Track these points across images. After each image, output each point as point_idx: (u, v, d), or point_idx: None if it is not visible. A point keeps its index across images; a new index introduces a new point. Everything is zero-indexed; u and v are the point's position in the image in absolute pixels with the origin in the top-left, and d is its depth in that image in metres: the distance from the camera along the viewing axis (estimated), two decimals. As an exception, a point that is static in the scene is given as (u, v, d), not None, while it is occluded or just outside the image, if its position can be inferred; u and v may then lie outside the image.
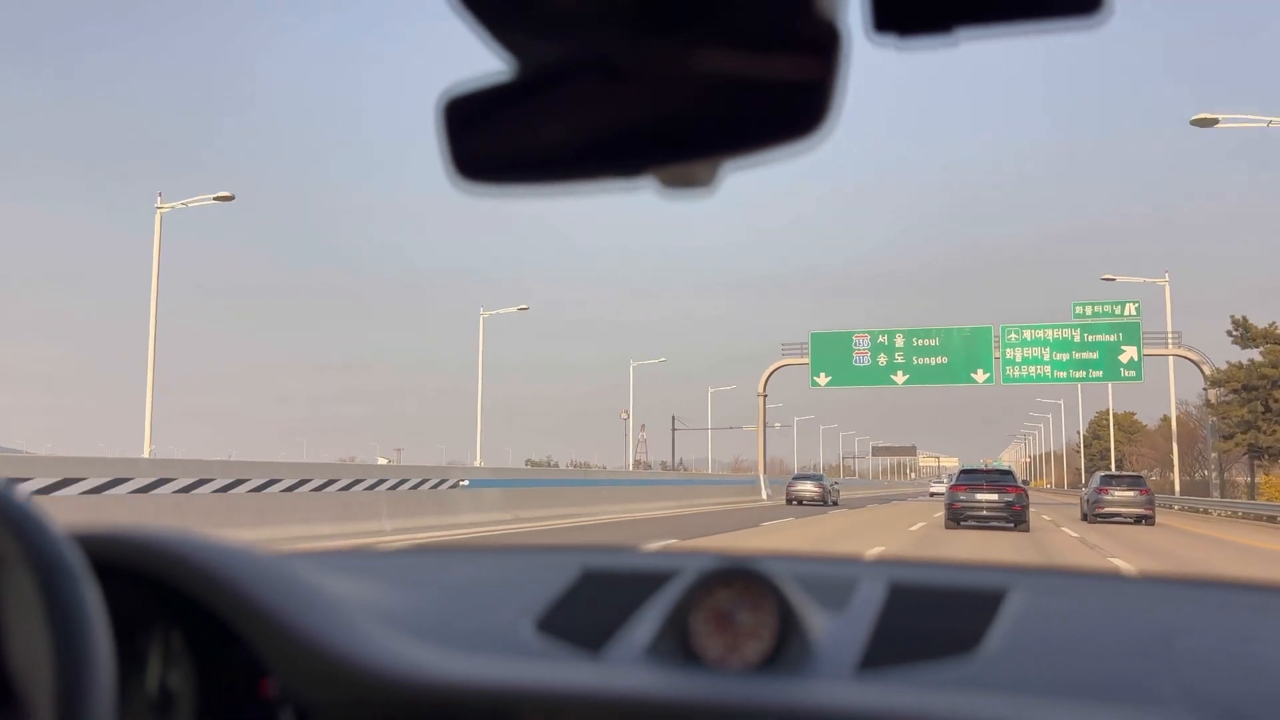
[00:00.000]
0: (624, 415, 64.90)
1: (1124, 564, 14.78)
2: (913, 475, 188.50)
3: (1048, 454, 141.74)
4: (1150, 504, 28.61)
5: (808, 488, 41.92)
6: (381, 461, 41.33)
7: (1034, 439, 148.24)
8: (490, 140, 0.66)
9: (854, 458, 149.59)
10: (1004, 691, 0.87)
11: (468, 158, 0.66)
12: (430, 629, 1.05)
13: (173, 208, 30.31)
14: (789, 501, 41.95)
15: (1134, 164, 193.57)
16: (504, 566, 1.38)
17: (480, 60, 0.65)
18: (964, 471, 24.98)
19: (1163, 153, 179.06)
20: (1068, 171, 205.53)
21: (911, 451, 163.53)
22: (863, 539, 19.66)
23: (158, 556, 0.99)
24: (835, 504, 41.89)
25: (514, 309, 47.01)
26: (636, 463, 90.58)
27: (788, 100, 0.59)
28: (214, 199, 30.14)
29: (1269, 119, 27.90)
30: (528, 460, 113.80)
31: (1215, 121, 28.10)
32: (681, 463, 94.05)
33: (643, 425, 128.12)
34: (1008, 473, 24.87)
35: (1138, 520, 28.28)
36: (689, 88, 0.60)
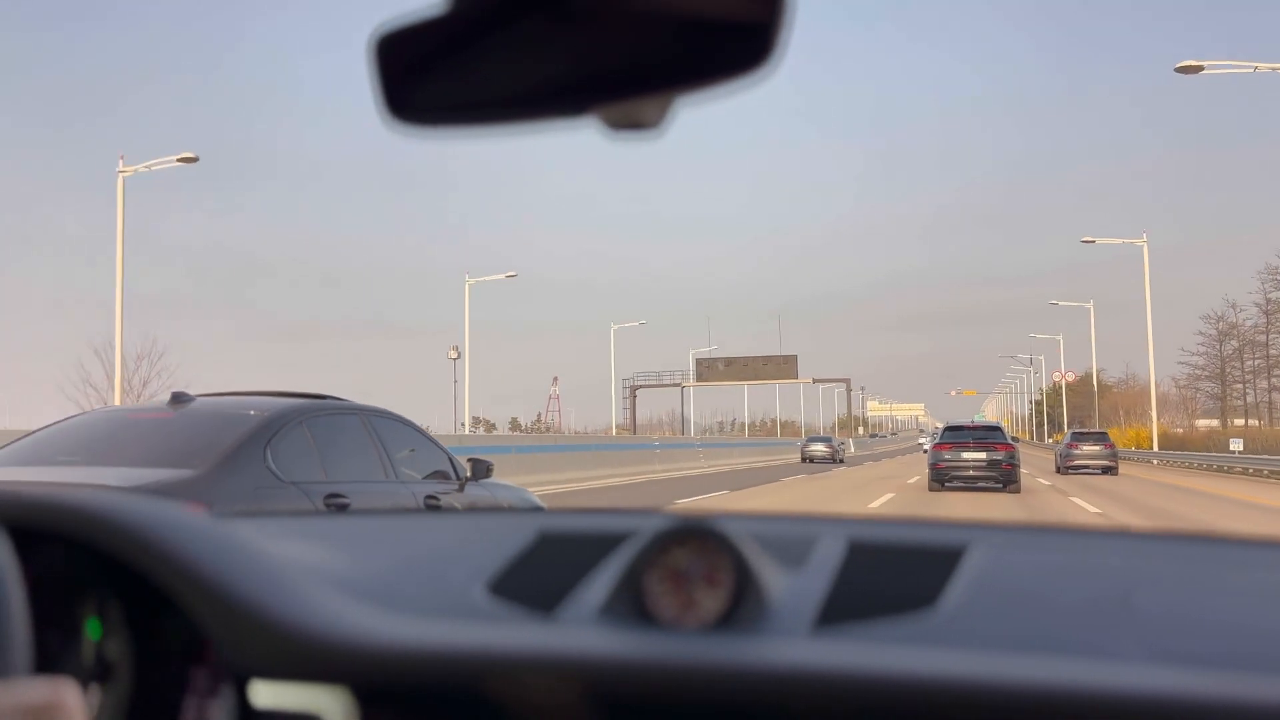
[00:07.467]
0: (452, 354, 49.28)
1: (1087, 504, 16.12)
2: (860, 431, 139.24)
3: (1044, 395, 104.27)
4: (1114, 457, 33.49)
5: (819, 448, 48.53)
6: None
7: (1025, 380, 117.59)
8: (425, 79, 0.65)
9: (678, 384, 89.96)
10: (962, 647, 0.87)
11: (402, 98, 0.66)
12: (378, 593, 1.04)
13: (135, 171, 28.54)
14: (803, 460, 47.69)
15: (1118, 117, 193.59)
16: (456, 530, 1.37)
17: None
18: (948, 429, 23.45)
19: (1148, 105, 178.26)
20: (1049, 120, 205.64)
21: (790, 370, 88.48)
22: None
23: (89, 522, 0.97)
24: (841, 462, 47.11)
25: (501, 276, 44.15)
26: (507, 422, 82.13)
27: (732, 34, 0.58)
28: (178, 160, 28.34)
29: (1254, 64, 26.92)
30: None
31: (1200, 69, 27.34)
32: (538, 421, 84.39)
33: (555, 378, 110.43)
34: (996, 429, 23.49)
35: (1104, 470, 32.84)
36: (630, 22, 0.59)
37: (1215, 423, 72.24)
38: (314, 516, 1.47)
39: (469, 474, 6.56)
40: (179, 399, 5.59)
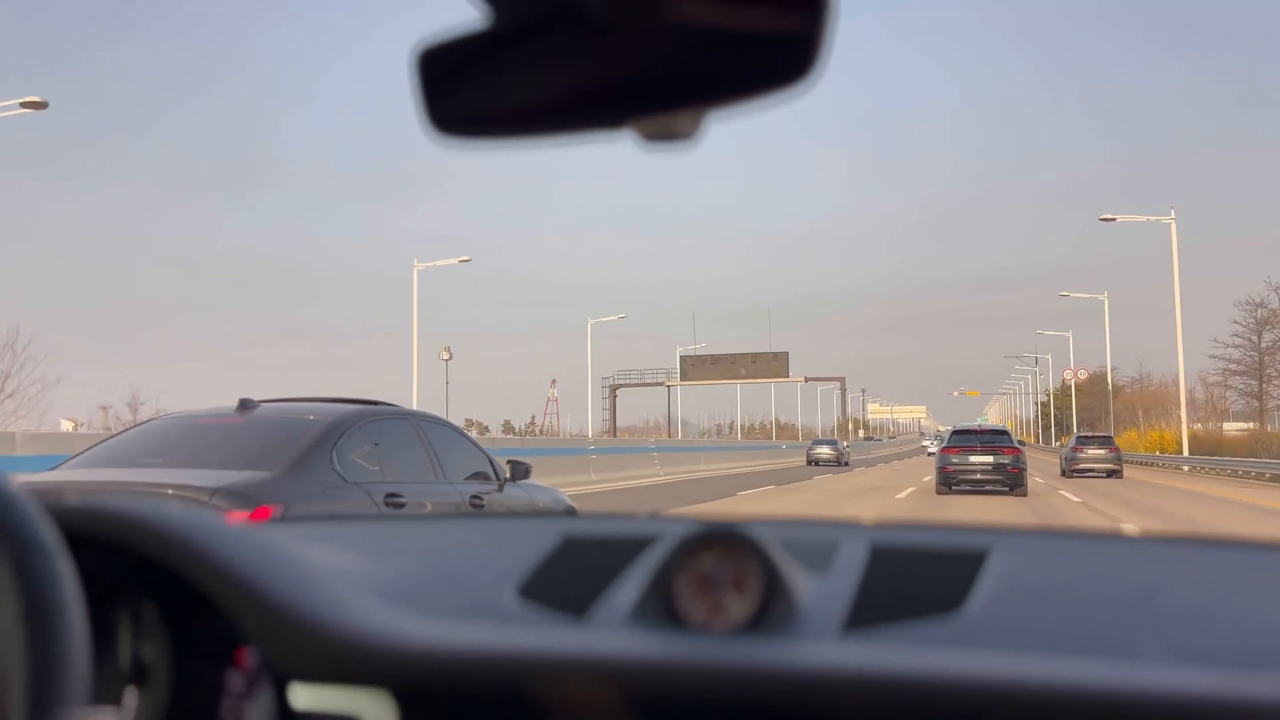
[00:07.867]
0: (444, 354, 45.18)
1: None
2: (860, 434, 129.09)
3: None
4: (1118, 460, 33.62)
5: (825, 451, 49.32)
6: (66, 427, 27.19)
7: (1030, 380, 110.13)
8: (466, 92, 0.65)
9: (661, 383, 79.03)
10: (987, 649, 0.88)
11: (444, 110, 0.66)
12: (410, 596, 1.04)
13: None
14: (809, 463, 47.40)
15: (1130, 121, 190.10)
16: (483, 534, 1.38)
17: (456, 11, 0.64)
18: (956, 432, 24.15)
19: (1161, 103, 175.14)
20: (1068, 124, 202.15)
21: (780, 368, 77.15)
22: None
23: (132, 527, 0.98)
24: (846, 464, 46.87)
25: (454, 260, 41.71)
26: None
27: (772, 47, 0.58)
28: (21, 105, 24.61)
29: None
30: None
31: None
32: (531, 424, 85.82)
33: (553, 380, 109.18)
34: (1003, 432, 24.01)
35: (1108, 474, 32.85)
36: (669, 35, 0.59)
37: (1244, 425, 64.43)
38: (341, 520, 1.49)
39: (508, 475, 6.71)
40: (246, 405, 5.75)
